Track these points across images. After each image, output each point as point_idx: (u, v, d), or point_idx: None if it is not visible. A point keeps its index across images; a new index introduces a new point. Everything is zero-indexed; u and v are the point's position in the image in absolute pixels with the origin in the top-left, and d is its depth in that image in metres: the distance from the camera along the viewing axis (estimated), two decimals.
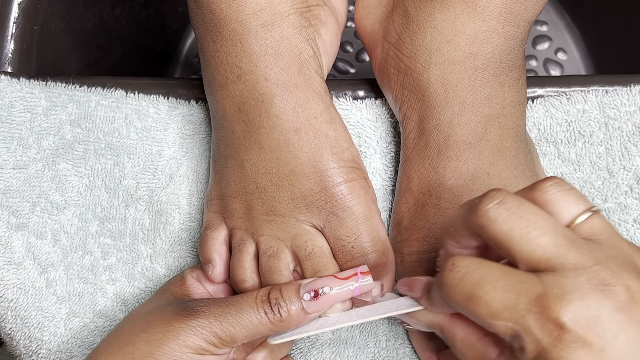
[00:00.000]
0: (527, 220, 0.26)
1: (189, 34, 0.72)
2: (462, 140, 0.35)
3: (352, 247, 0.35)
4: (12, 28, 0.43)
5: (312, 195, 0.35)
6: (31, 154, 0.40)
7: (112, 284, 0.40)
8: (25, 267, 0.39)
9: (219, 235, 0.37)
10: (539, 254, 0.25)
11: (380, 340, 0.38)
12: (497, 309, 0.25)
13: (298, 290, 0.32)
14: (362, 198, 0.35)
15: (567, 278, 0.24)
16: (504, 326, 0.25)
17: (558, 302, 0.23)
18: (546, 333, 0.24)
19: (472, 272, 0.26)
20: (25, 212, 0.40)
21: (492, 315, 0.25)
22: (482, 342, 0.28)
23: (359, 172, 0.36)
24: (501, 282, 0.25)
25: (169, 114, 0.41)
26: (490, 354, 0.27)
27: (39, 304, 0.39)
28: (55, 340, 0.39)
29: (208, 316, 0.31)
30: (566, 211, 0.27)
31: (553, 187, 0.27)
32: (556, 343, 0.23)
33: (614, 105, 0.40)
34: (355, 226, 0.35)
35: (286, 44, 0.35)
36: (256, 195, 0.35)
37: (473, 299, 0.25)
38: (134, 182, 0.41)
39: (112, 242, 0.40)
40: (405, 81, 0.37)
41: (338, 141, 0.36)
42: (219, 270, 0.36)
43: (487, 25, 0.34)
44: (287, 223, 0.35)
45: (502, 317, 0.24)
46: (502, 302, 0.25)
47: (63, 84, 0.41)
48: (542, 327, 0.24)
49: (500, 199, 0.26)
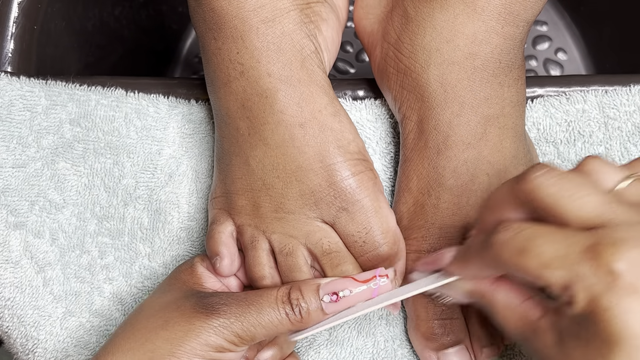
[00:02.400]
0: (574, 182, 0.26)
1: (189, 34, 0.72)
2: (462, 140, 0.35)
3: (364, 241, 0.35)
4: (12, 28, 0.43)
5: (321, 191, 0.35)
6: (30, 153, 0.40)
7: (109, 283, 0.40)
8: (23, 266, 0.39)
9: (226, 229, 0.36)
10: (588, 210, 0.25)
11: (379, 341, 0.38)
12: (549, 259, 0.24)
13: (317, 290, 0.32)
14: (371, 190, 0.35)
15: (620, 230, 0.24)
16: (554, 276, 0.24)
17: (611, 249, 0.23)
18: (598, 279, 0.23)
19: (524, 230, 0.26)
20: (23, 210, 0.40)
21: (544, 265, 0.25)
22: (524, 304, 0.28)
23: (365, 163, 0.36)
24: (553, 236, 0.25)
25: (169, 113, 0.41)
26: (533, 315, 0.27)
27: (35, 302, 0.39)
28: (52, 340, 0.39)
29: (229, 316, 0.31)
30: (609, 178, 0.27)
31: (595, 160, 0.28)
32: (608, 290, 0.23)
33: (613, 105, 0.40)
34: (366, 220, 0.35)
35: (288, 40, 0.35)
36: (263, 192, 0.35)
37: (524, 252, 0.25)
38: (133, 181, 0.41)
39: (110, 241, 0.40)
40: (404, 81, 0.37)
41: (343, 133, 0.36)
42: (227, 263, 0.36)
43: (487, 25, 0.34)
44: (298, 220, 0.35)
45: (553, 266, 0.24)
46: (553, 253, 0.24)
47: (63, 82, 0.41)
48: (594, 274, 0.23)
49: (547, 168, 0.26)
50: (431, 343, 0.36)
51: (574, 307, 0.24)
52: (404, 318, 0.39)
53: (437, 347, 0.36)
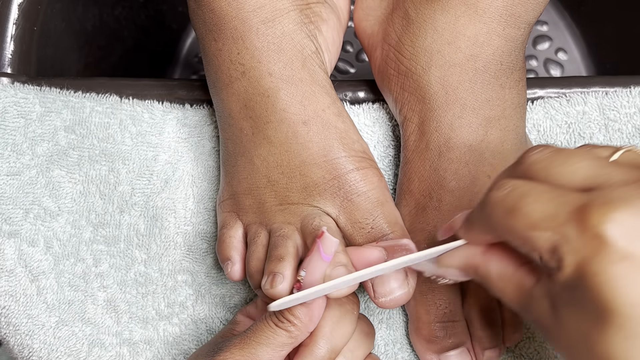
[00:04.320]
0: (567, 153, 0.25)
1: (189, 34, 0.72)
2: (463, 142, 0.35)
3: (372, 228, 0.34)
4: (12, 29, 0.43)
5: (325, 183, 0.35)
6: (25, 160, 0.40)
7: (104, 291, 0.40)
8: (17, 275, 0.39)
9: (236, 233, 0.36)
10: (582, 173, 0.24)
11: (379, 344, 0.38)
12: (537, 219, 0.23)
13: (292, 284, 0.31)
14: (376, 184, 0.35)
15: (613, 190, 0.23)
16: (542, 238, 0.23)
17: (601, 210, 0.22)
18: (586, 242, 0.22)
19: (518, 188, 0.25)
20: (17, 219, 0.39)
21: (531, 226, 0.23)
22: (518, 272, 0.27)
23: (370, 162, 0.36)
24: (545, 195, 0.24)
25: (164, 118, 0.41)
26: (527, 282, 0.26)
27: (29, 311, 0.39)
28: (45, 349, 0.38)
29: (231, 349, 0.31)
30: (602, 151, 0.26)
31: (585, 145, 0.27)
32: (596, 253, 0.21)
33: (613, 107, 0.40)
34: (372, 209, 0.35)
35: (288, 40, 0.35)
36: (268, 189, 0.35)
37: (513, 212, 0.24)
38: (129, 188, 0.40)
39: (105, 248, 0.40)
40: (405, 83, 0.37)
41: (347, 133, 0.35)
42: (238, 267, 0.35)
43: (488, 27, 0.34)
44: (299, 208, 0.35)
45: (541, 227, 0.23)
46: (542, 212, 0.23)
47: (58, 89, 0.41)
48: (582, 236, 0.22)
49: (542, 147, 0.26)
50: (433, 346, 0.36)
51: (563, 271, 0.23)
52: (404, 322, 0.39)
53: (438, 349, 0.35)
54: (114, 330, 0.39)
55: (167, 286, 0.40)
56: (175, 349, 0.39)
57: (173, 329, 0.39)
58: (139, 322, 0.39)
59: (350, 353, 0.33)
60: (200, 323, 0.39)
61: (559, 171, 0.25)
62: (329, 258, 0.30)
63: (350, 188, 0.35)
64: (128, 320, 0.39)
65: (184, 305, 0.40)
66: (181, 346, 0.39)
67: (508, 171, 0.28)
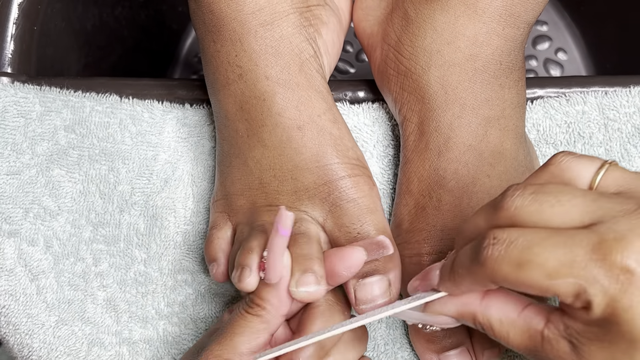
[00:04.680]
0: (552, 192, 0.25)
1: (189, 34, 0.72)
2: (463, 142, 0.35)
3: (358, 233, 0.34)
4: (12, 29, 0.43)
5: (315, 188, 0.35)
6: (25, 160, 0.40)
7: (103, 290, 0.40)
8: (17, 274, 0.39)
9: (224, 234, 0.36)
10: (577, 212, 0.24)
11: (379, 344, 0.38)
12: (554, 268, 0.23)
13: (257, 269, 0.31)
14: (367, 192, 0.35)
15: (619, 222, 0.23)
16: (565, 284, 0.23)
17: (618, 245, 0.22)
18: (613, 280, 0.22)
19: (517, 240, 0.24)
20: (17, 218, 0.39)
21: (550, 276, 0.23)
22: (523, 315, 0.26)
23: (363, 169, 0.36)
24: (550, 241, 0.23)
25: (163, 117, 0.41)
26: (536, 325, 0.26)
27: (29, 311, 0.39)
28: (45, 348, 0.38)
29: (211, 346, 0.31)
30: (585, 171, 0.26)
31: (565, 156, 0.27)
32: (625, 288, 0.22)
33: (613, 107, 0.40)
34: (361, 215, 0.35)
35: (286, 43, 0.35)
36: (260, 191, 0.35)
37: (524, 265, 0.23)
38: (129, 187, 0.40)
39: (105, 247, 0.40)
40: (405, 83, 0.37)
41: (342, 140, 0.36)
42: (222, 270, 0.36)
43: (488, 27, 0.34)
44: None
45: (562, 274, 0.23)
46: (557, 259, 0.23)
47: (57, 89, 0.41)
48: (608, 275, 0.22)
49: (520, 189, 0.25)
50: (432, 345, 0.36)
51: (592, 312, 0.23)
52: (404, 321, 0.39)
53: (438, 349, 0.35)
54: (114, 330, 0.39)
55: (167, 285, 0.40)
56: (174, 349, 0.39)
57: (173, 329, 0.39)
58: (138, 322, 0.39)
59: (340, 355, 0.32)
60: (200, 323, 0.40)
61: (552, 212, 0.24)
62: (287, 232, 0.29)
63: (340, 194, 0.35)
64: (128, 319, 0.39)
65: (183, 305, 0.40)
66: (181, 346, 0.39)
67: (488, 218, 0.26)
